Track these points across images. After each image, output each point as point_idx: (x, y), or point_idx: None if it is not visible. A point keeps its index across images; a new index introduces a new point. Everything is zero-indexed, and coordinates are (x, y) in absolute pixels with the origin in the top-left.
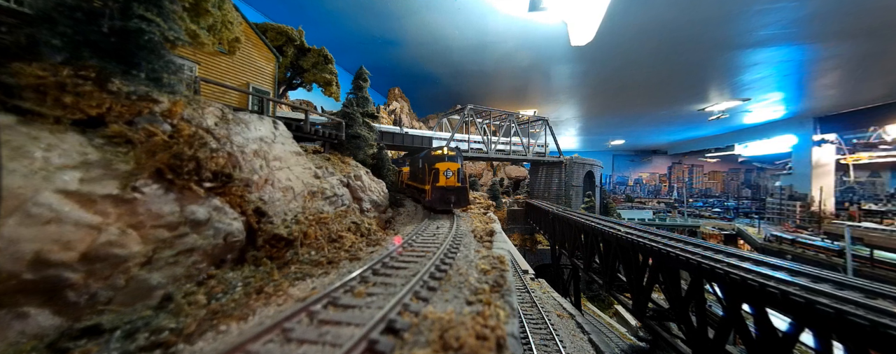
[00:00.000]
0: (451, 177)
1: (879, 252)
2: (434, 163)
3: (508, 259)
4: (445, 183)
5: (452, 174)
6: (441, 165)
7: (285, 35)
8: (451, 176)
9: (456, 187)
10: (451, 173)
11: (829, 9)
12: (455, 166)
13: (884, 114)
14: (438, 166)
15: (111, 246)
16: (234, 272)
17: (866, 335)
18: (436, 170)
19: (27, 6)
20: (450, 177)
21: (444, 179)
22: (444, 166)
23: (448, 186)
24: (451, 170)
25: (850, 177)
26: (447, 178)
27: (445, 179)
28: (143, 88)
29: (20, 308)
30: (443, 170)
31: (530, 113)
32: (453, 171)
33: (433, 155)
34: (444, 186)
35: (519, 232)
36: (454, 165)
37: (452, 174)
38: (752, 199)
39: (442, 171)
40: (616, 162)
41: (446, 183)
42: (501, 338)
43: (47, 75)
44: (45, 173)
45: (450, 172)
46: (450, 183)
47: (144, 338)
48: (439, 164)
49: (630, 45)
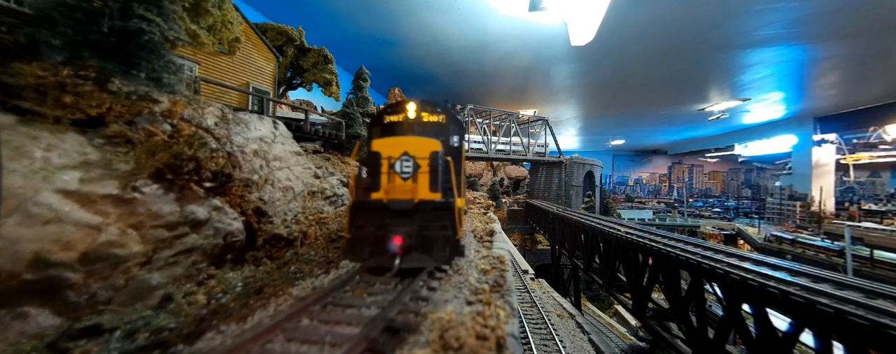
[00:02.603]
0: (412, 175)
1: (879, 252)
2: (379, 138)
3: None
4: (392, 189)
5: (414, 166)
6: (389, 144)
7: (285, 35)
8: (412, 171)
9: (424, 204)
10: (411, 164)
11: (829, 9)
12: (423, 145)
13: (884, 114)
14: (381, 146)
15: (111, 246)
16: (234, 272)
17: (866, 335)
18: (376, 156)
19: (27, 6)
20: (407, 173)
21: (388, 181)
22: (396, 145)
23: (397, 202)
24: (413, 157)
25: (850, 177)
26: (401, 178)
27: (400, 180)
28: (143, 88)
29: (20, 308)
30: (387, 156)
31: (530, 113)
32: (420, 158)
33: (384, 116)
34: (389, 201)
35: (519, 232)
36: (422, 145)
37: (414, 166)
38: (752, 199)
39: (386, 158)
40: (616, 162)
41: (394, 189)
42: (501, 338)
43: (47, 75)
44: (45, 173)
45: (408, 163)
46: (399, 192)
47: (144, 338)
48: (387, 142)
49: (630, 45)
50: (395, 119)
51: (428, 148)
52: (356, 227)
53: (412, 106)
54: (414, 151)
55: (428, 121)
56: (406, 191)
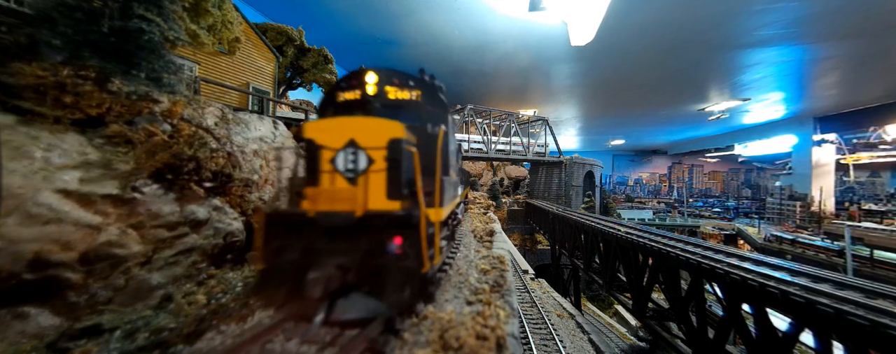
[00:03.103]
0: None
1: (879, 252)
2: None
3: (508, 259)
4: (322, 195)
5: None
6: (328, 128)
7: (285, 35)
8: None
9: (372, 217)
10: (359, 157)
11: (829, 9)
12: (378, 130)
13: (884, 114)
14: (316, 131)
15: (111, 246)
16: (234, 272)
17: (866, 335)
18: (312, 146)
19: (27, 6)
20: (352, 172)
21: (330, 182)
22: (338, 130)
23: (328, 215)
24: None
25: (850, 177)
26: (346, 179)
27: (344, 182)
28: (143, 88)
29: (20, 308)
30: (324, 146)
31: (530, 113)
32: (372, 149)
33: (337, 94)
34: (316, 214)
35: (519, 232)
36: (376, 129)
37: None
38: (752, 199)
39: (323, 149)
40: (616, 162)
41: (324, 195)
42: (501, 338)
43: (47, 75)
44: (45, 173)
45: (354, 156)
46: (333, 200)
47: (144, 338)
48: (325, 126)
49: (630, 44)
50: (350, 96)
51: (385, 133)
52: (271, 252)
53: (372, 77)
54: (364, 139)
55: (396, 98)
56: (344, 199)
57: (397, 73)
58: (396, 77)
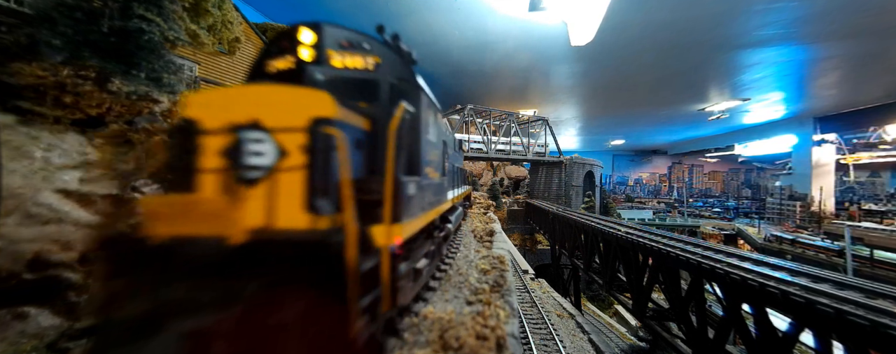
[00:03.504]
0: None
1: (879, 252)
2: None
3: (508, 259)
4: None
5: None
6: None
7: None
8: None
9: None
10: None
11: (829, 9)
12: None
13: (884, 114)
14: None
15: None
16: None
17: (866, 335)
18: (190, 130)
19: (27, 6)
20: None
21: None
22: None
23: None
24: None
25: (850, 177)
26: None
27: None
28: (143, 88)
29: (20, 308)
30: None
31: (530, 113)
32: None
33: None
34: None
35: (519, 232)
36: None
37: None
38: (752, 199)
39: (208, 135)
40: (616, 162)
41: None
42: (501, 338)
43: (47, 75)
44: (45, 173)
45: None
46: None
47: None
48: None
49: (630, 44)
50: (281, 65)
51: (304, 110)
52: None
53: (309, 35)
54: (271, 118)
55: (343, 66)
56: (212, 215)
57: (347, 31)
58: (345, 37)
